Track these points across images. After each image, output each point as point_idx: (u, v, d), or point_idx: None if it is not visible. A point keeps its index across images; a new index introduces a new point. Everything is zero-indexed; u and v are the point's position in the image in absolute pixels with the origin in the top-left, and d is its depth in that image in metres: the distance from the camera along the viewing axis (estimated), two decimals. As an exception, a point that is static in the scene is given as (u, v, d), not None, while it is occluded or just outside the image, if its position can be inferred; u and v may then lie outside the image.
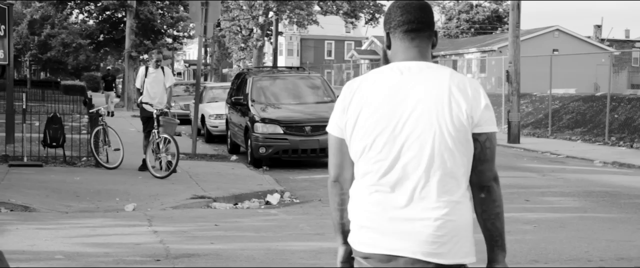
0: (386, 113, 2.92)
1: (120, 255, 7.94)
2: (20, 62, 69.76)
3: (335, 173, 3.14)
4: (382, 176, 2.93)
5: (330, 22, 65.09)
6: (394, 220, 2.90)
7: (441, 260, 2.88)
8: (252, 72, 19.85)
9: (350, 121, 2.99)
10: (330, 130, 3.12)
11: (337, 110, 3.08)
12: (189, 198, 12.05)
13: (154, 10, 45.44)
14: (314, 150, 16.65)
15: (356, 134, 2.98)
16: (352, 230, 3.05)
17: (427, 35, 3.06)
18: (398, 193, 2.91)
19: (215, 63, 69.11)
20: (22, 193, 11.70)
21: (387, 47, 3.11)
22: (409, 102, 2.91)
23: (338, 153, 3.11)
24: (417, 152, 2.89)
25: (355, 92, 3.01)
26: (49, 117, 15.62)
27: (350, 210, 3.06)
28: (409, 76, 2.96)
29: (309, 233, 9.43)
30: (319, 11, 50.00)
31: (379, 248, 2.92)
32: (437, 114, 2.88)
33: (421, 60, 3.02)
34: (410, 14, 3.02)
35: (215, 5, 18.46)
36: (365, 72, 35.16)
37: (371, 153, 2.94)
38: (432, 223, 2.87)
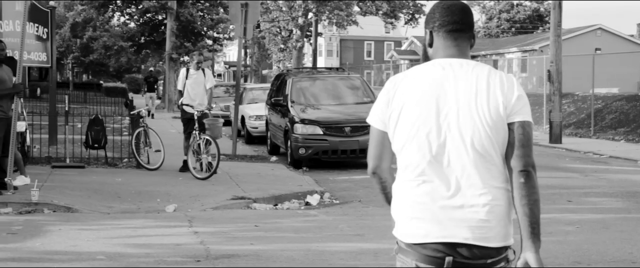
0: (429, 106, 3.08)
1: (161, 255, 7.98)
2: (62, 64, 70.61)
3: (374, 164, 3.30)
4: (428, 167, 3.08)
5: (370, 22, 65.02)
6: (444, 209, 3.05)
7: (490, 243, 3.04)
8: (291, 73, 19.86)
9: (394, 114, 3.14)
10: (372, 123, 3.26)
11: (380, 104, 3.22)
12: (229, 199, 12.08)
13: (194, 12, 45.73)
14: (354, 151, 16.61)
15: (400, 126, 3.13)
16: (398, 223, 3.18)
17: (467, 36, 3.23)
18: (445, 183, 3.07)
19: (255, 64, 69.36)
20: (64, 194, 11.82)
21: (429, 45, 3.27)
22: (451, 95, 3.08)
23: (379, 145, 3.26)
24: (460, 142, 3.05)
25: (398, 87, 3.17)
26: (91, 119, 15.76)
27: (395, 203, 3.20)
28: (451, 71, 3.13)
29: (349, 234, 9.40)
30: (359, 12, 49.94)
31: (432, 237, 3.05)
32: (477, 105, 3.06)
33: (461, 58, 3.19)
34: (455, 15, 3.20)
35: (254, 6, 18.51)
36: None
37: (415, 145, 3.09)
38: (481, 208, 3.04)
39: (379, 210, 11.48)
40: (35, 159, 15.23)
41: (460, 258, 3.04)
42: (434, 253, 3.05)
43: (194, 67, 15.03)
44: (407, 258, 3.13)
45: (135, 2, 47.74)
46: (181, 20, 44.45)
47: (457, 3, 3.24)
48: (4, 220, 10.05)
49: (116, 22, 58.73)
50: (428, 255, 3.06)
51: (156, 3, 44.50)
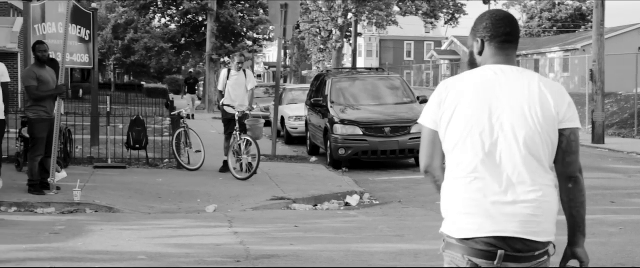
0: (482, 107, 3.28)
1: (202, 255, 8.01)
2: (104, 66, 71.35)
3: (426, 163, 3.48)
4: (480, 164, 3.26)
5: (410, 22, 64.85)
6: (496, 205, 3.22)
7: (538, 237, 3.23)
8: (331, 74, 19.84)
9: (446, 115, 3.33)
10: (424, 123, 3.44)
11: (432, 105, 3.40)
12: (269, 200, 12.10)
13: (234, 13, 45.95)
14: (394, 152, 16.55)
15: (452, 126, 3.31)
16: (449, 219, 3.33)
17: (515, 46, 3.47)
18: (496, 180, 3.24)
19: (294, 65, 69.47)
20: (106, 194, 11.92)
21: (479, 53, 3.46)
22: (504, 98, 3.28)
23: (430, 145, 3.44)
24: (513, 142, 3.24)
25: (451, 89, 3.36)
26: (133, 120, 15.88)
27: (446, 199, 3.36)
28: (502, 76, 3.34)
29: (389, 235, 9.37)
30: (398, 12, 49.82)
31: (484, 232, 3.22)
32: (529, 108, 3.26)
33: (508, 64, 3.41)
34: (508, 27, 3.42)
35: (294, 7, 18.53)
36: (445, 72, 34.99)
37: (468, 144, 3.28)
38: (531, 204, 3.22)
39: (418, 210, 11.43)
40: (77, 160, 15.38)
41: (510, 252, 3.20)
42: (486, 247, 3.21)
43: (235, 68, 15.05)
44: (457, 254, 3.28)
45: (176, 4, 48.09)
46: (221, 22, 44.68)
47: (508, 15, 3.46)
48: (47, 220, 10.16)
49: (157, 23, 59.21)
50: (480, 250, 3.22)
51: (197, 4, 44.77)
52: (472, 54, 3.49)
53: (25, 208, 10.89)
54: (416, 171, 16.52)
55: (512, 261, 3.21)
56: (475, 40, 3.47)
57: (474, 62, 3.48)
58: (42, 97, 11.45)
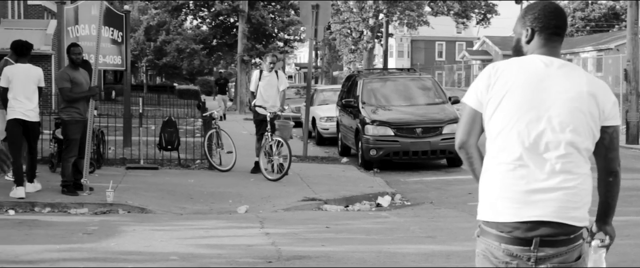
0: (532, 97, 3.39)
1: (233, 256, 8.03)
2: (137, 67, 71.79)
3: (462, 139, 3.55)
4: (525, 152, 3.36)
5: (441, 22, 64.60)
6: (537, 192, 3.33)
7: (575, 222, 3.37)
8: (362, 74, 19.82)
9: (494, 100, 3.42)
10: (468, 102, 3.52)
11: (480, 86, 3.48)
12: (300, 201, 12.11)
13: (266, 15, 46.04)
14: (425, 152, 16.48)
15: (499, 112, 3.41)
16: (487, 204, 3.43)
17: (562, 40, 3.60)
18: (539, 168, 3.36)
19: (325, 66, 69.50)
20: (138, 195, 11.99)
21: (528, 41, 3.55)
22: (553, 90, 3.40)
23: (470, 122, 3.52)
24: (559, 134, 3.37)
25: (501, 74, 3.44)
26: (165, 121, 15.96)
27: (486, 184, 3.45)
28: (552, 69, 3.45)
29: (420, 236, 9.33)
30: (430, 12, 49.63)
31: (522, 216, 3.32)
32: (577, 103, 3.39)
33: (556, 57, 3.52)
34: (559, 20, 3.54)
35: (325, 8, 18.54)
36: (477, 73, 34.70)
37: (515, 131, 3.38)
38: (570, 191, 3.36)
39: (450, 211, 11.38)
40: (110, 161, 15.49)
41: (547, 237, 3.32)
42: (522, 235, 3.33)
43: (267, 68, 15.06)
44: (493, 242, 3.40)
45: (207, 5, 48.30)
46: (252, 23, 44.79)
47: (560, 8, 3.58)
48: (80, 220, 10.24)
49: (189, 25, 59.47)
50: (516, 237, 3.34)
51: (228, 6, 44.94)
52: (520, 41, 3.59)
53: (58, 209, 10.99)
54: (448, 172, 16.46)
55: (548, 246, 3.33)
56: (524, 28, 3.56)
57: (521, 49, 3.58)
58: (75, 99, 11.55)
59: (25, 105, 11.35)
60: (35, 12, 42.01)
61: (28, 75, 11.45)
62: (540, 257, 3.33)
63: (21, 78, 11.37)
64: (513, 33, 3.68)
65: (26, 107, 11.35)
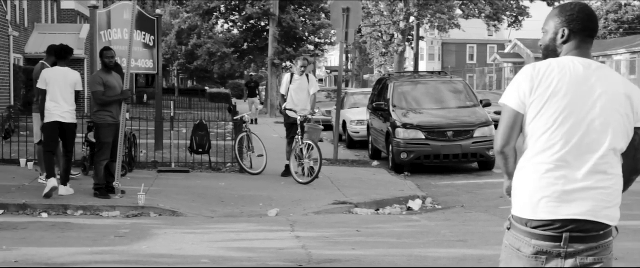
0: (574, 100, 3.50)
1: (264, 260, 8.03)
2: (168, 71, 72.20)
3: (503, 143, 3.63)
4: (567, 153, 3.49)
5: (472, 25, 64.28)
6: (575, 191, 3.47)
7: (608, 221, 3.50)
8: (393, 78, 19.77)
9: (538, 102, 3.51)
10: (510, 103, 3.59)
11: (522, 88, 3.55)
12: (330, 204, 12.09)
13: (296, 18, 46.11)
14: (457, 156, 16.40)
15: (543, 114, 3.51)
16: (523, 200, 3.54)
17: (593, 41, 3.73)
18: (579, 169, 3.49)
19: (356, 69, 69.45)
20: (170, 198, 12.04)
21: (564, 42, 3.66)
22: (594, 93, 3.52)
23: (511, 126, 3.60)
24: (600, 134, 3.51)
25: (544, 77, 3.53)
26: (196, 124, 16.02)
27: (524, 182, 3.56)
28: (590, 71, 3.57)
29: (452, 240, 9.28)
30: (461, 15, 49.38)
31: (559, 215, 3.46)
32: (617, 105, 3.54)
33: (589, 59, 3.64)
34: (595, 23, 3.68)
35: (356, 11, 18.52)
36: (509, 76, 34.66)
37: (557, 133, 3.49)
38: (606, 191, 3.50)
39: (482, 215, 11.31)
40: (141, 164, 15.58)
41: (578, 233, 3.45)
42: (554, 233, 3.46)
43: (298, 72, 15.07)
44: (524, 237, 3.52)
45: (238, 9, 48.47)
46: (283, 26, 44.88)
47: (593, 11, 3.71)
48: (112, 223, 10.30)
49: (220, 29, 59.76)
50: (548, 235, 3.47)
51: (259, 10, 45.03)
52: (555, 40, 3.69)
53: (91, 212, 11.06)
54: (479, 175, 16.37)
55: (578, 242, 3.46)
56: (561, 28, 3.66)
57: (555, 49, 3.69)
58: (108, 102, 11.64)
59: (62, 108, 11.54)
60: (69, 16, 42.42)
61: (66, 78, 11.63)
62: (570, 252, 3.46)
63: (59, 81, 11.57)
64: (543, 30, 3.75)
65: (63, 109, 11.54)
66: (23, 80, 28.78)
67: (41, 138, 12.39)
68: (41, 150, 12.67)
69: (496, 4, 47.76)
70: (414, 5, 46.04)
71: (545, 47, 3.74)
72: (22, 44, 33.35)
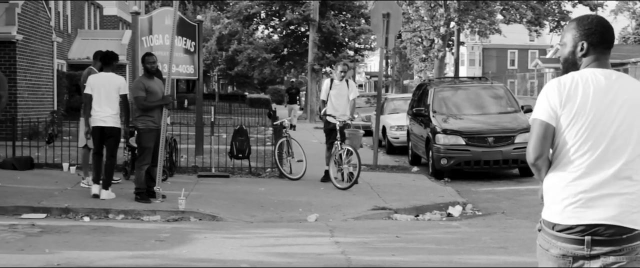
0: (599, 111, 3.65)
1: (303, 265, 8.04)
2: (208, 77, 72.66)
3: (536, 155, 3.73)
4: (594, 162, 3.63)
5: (513, 30, 63.81)
6: (601, 197, 3.61)
7: (633, 225, 3.61)
8: (433, 83, 19.70)
9: (567, 115, 3.66)
10: (541, 116, 3.71)
11: (552, 101, 3.69)
12: (370, 210, 12.07)
13: (336, 24, 46.16)
14: (497, 162, 16.28)
15: (573, 126, 3.65)
16: (554, 206, 3.70)
17: (610, 52, 3.85)
18: (604, 176, 3.63)
19: (396, 74, 69.32)
20: (210, 203, 12.10)
21: (583, 55, 3.80)
22: (617, 103, 3.67)
23: (542, 138, 3.72)
24: (624, 142, 3.66)
25: (571, 90, 3.68)
26: (236, 130, 16.08)
27: (553, 189, 3.72)
28: (611, 81, 3.72)
29: (492, 246, 9.21)
30: (502, 20, 49.05)
31: (585, 220, 3.60)
32: (638, 110, 3.69)
33: (609, 69, 3.78)
34: (611, 35, 3.81)
35: (396, 16, 18.49)
36: (550, 80, 33.95)
37: (585, 144, 3.64)
38: (630, 196, 3.63)
39: (523, 222, 11.20)
40: (182, 169, 15.68)
41: (601, 237, 3.59)
42: (580, 236, 3.61)
43: (338, 77, 15.07)
44: (552, 240, 3.69)
45: (278, 15, 48.65)
46: (323, 32, 44.96)
47: (609, 23, 3.83)
48: (153, 227, 10.38)
49: (260, 34, 59.97)
50: (574, 238, 3.62)
51: (299, 15, 45.18)
52: (574, 53, 3.83)
53: (132, 216, 11.16)
54: (520, 181, 16.23)
55: (601, 245, 3.59)
56: (580, 42, 3.79)
57: (575, 62, 3.83)
58: (150, 108, 11.75)
59: (105, 112, 11.74)
60: (111, 22, 42.91)
61: (110, 83, 11.83)
62: (594, 254, 3.61)
63: (103, 86, 11.81)
64: (561, 43, 3.92)
65: (105, 113, 11.74)
66: (66, 85, 29.13)
67: (85, 142, 12.61)
68: (85, 154, 12.90)
69: (538, 9, 47.35)
70: (454, 11, 45.85)
71: (565, 59, 3.89)
72: (65, 50, 33.79)
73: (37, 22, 23.45)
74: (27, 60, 22.16)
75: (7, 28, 20.86)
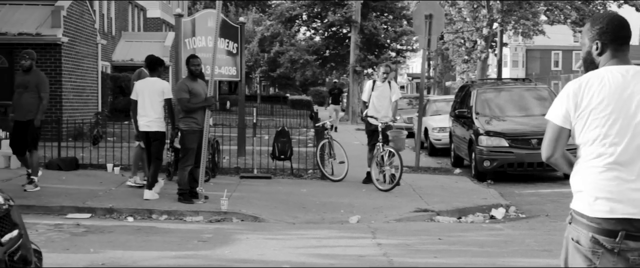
0: (618, 107, 3.73)
1: (345, 266, 8.03)
2: (250, 78, 72.97)
3: (548, 154, 3.98)
4: (618, 156, 3.72)
5: (557, 31, 63.19)
6: (627, 191, 3.69)
7: None
8: (476, 85, 19.56)
9: (583, 115, 3.76)
10: (553, 119, 3.88)
11: (565, 105, 3.83)
12: (412, 211, 12.02)
13: (378, 25, 46.08)
14: (541, 164, 16.10)
15: (590, 124, 3.76)
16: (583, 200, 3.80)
17: (629, 46, 3.93)
18: (629, 171, 3.71)
19: (438, 76, 68.99)
20: (252, 204, 12.14)
21: (599, 54, 3.89)
22: (635, 98, 3.75)
23: (555, 139, 3.91)
24: None
25: (585, 91, 3.78)
26: (278, 131, 16.11)
27: (582, 183, 3.82)
28: (629, 77, 3.80)
29: (536, 249, 9.12)
30: (546, 21, 48.60)
31: (616, 213, 3.68)
32: None
33: (627, 65, 3.85)
34: (626, 30, 3.87)
35: (439, 18, 18.41)
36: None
37: (606, 139, 3.73)
38: None
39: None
40: (224, 170, 15.76)
41: (633, 231, 3.66)
42: (611, 227, 3.67)
43: (380, 79, 15.03)
44: (583, 230, 3.76)
45: (320, 17, 48.70)
46: (365, 33, 44.91)
47: (623, 19, 3.88)
48: (196, 228, 10.44)
49: (302, 36, 60.11)
50: (606, 229, 3.68)
51: (341, 17, 45.17)
52: (591, 53, 3.92)
53: (175, 216, 11.24)
54: (564, 184, 16.05)
55: (633, 240, 3.66)
56: (594, 41, 3.88)
57: (593, 61, 3.91)
58: (193, 109, 11.83)
59: (149, 117, 11.96)
60: (154, 25, 43.30)
61: (153, 88, 12.05)
62: (623, 248, 3.66)
63: (148, 91, 12.07)
64: (580, 43, 4.04)
65: (148, 118, 11.95)
66: (110, 87, 29.46)
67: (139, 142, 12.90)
68: (138, 153, 13.18)
69: (582, 10, 46.84)
70: (497, 11, 45.52)
71: (584, 60, 3.98)
72: (109, 52, 34.17)
73: (82, 24, 23.75)
74: (72, 62, 22.44)
75: (53, 30, 21.15)
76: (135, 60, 34.70)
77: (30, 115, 12.31)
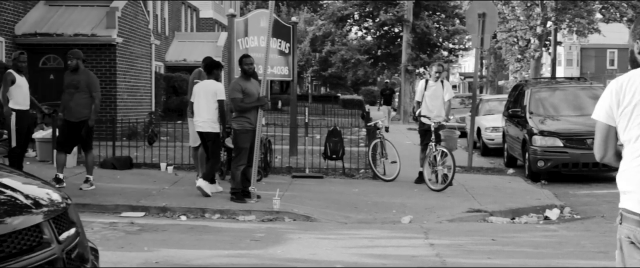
0: None
1: (398, 266, 8.00)
2: (302, 78, 73.11)
3: (600, 155, 4.01)
4: None
5: (613, 29, 62.22)
6: None
7: None
8: (530, 84, 19.35)
9: (626, 113, 3.81)
10: (600, 118, 3.93)
11: (608, 102, 3.89)
12: (465, 212, 11.94)
13: (430, 24, 45.86)
14: (596, 164, 15.86)
15: (632, 122, 3.80)
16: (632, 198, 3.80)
17: None
18: None
19: (491, 75, 68.47)
20: (304, 203, 12.17)
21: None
22: None
23: (605, 138, 3.95)
24: None
25: (626, 89, 3.82)
26: (329, 131, 16.13)
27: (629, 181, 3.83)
28: None
29: (592, 251, 8.99)
30: (601, 19, 47.93)
31: None
32: None
33: None
34: None
35: (492, 16, 18.24)
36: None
37: None
38: None
39: (624, 226, 10.89)
40: (276, 169, 15.81)
41: None
42: None
43: (433, 78, 14.95)
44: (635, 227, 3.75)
45: (372, 16, 48.62)
46: (417, 32, 44.71)
47: None
48: (248, 227, 10.49)
49: (354, 35, 60.08)
50: None
51: (392, 16, 45.04)
52: (634, 53, 3.93)
53: (227, 216, 11.31)
54: (620, 185, 15.79)
55: None
56: (635, 41, 3.90)
57: (637, 60, 3.88)
58: (246, 109, 11.90)
59: (202, 117, 12.18)
60: (207, 25, 43.64)
61: (207, 89, 12.25)
62: None
63: (203, 93, 12.29)
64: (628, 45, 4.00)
65: (201, 119, 12.19)
66: (163, 87, 29.76)
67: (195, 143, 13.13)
68: (194, 155, 13.44)
69: (639, 7, 46.07)
70: (551, 10, 45.01)
71: (631, 60, 4.10)
72: (162, 52, 34.53)
73: (136, 25, 24.02)
74: (127, 63, 22.72)
75: (108, 31, 21.43)
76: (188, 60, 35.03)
77: (83, 115, 12.48)
